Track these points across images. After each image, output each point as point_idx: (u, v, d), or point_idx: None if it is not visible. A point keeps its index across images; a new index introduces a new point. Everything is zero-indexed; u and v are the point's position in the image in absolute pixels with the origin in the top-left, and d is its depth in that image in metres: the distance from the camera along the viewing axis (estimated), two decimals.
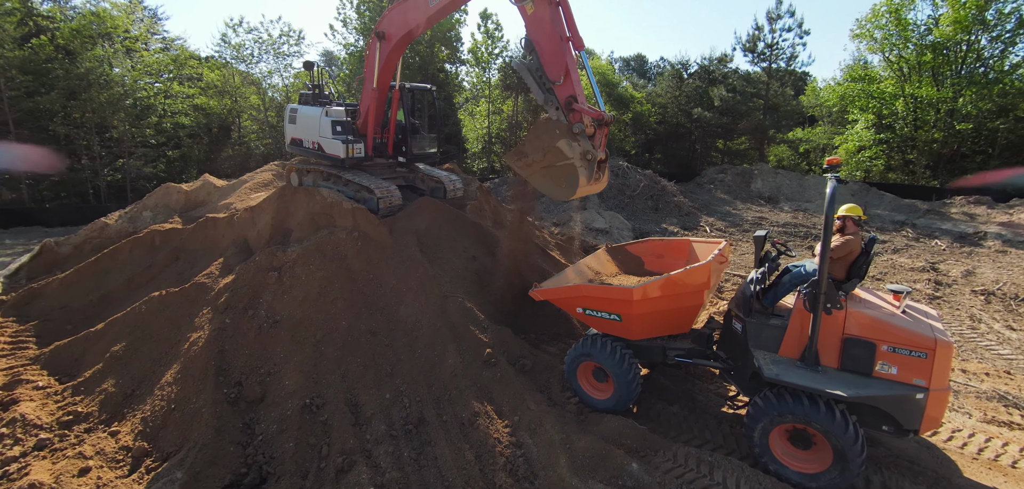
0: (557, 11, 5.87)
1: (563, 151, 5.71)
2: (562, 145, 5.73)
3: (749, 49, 26.52)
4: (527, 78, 6.02)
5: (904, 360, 4.20)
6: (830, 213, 4.27)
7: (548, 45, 5.82)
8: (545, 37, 5.86)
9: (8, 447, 5.13)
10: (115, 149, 19.33)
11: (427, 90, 10.33)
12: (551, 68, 5.83)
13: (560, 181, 5.86)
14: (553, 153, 5.82)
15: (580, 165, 5.69)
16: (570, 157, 5.68)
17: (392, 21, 8.00)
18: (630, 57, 65.99)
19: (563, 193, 5.87)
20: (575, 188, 5.70)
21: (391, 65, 8.50)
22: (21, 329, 7.65)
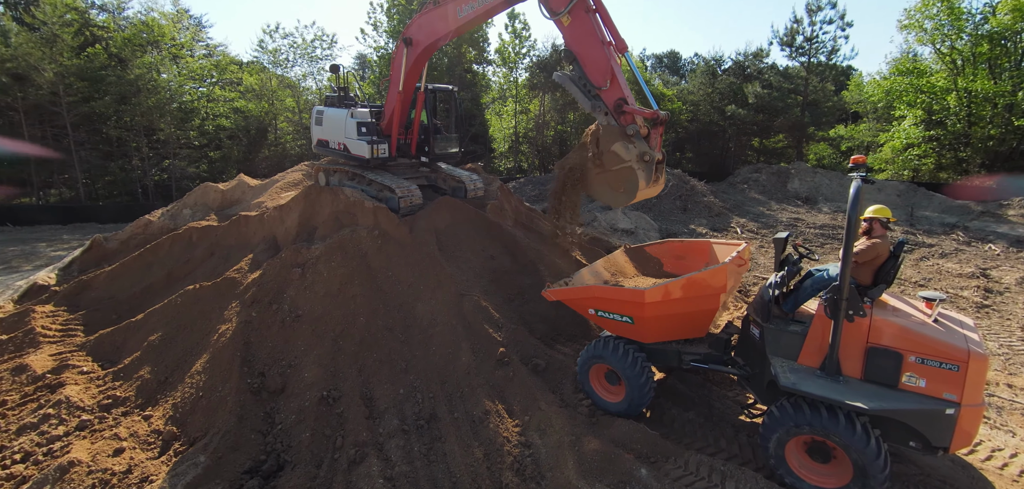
0: (595, 18, 5.78)
1: (619, 154, 5.50)
2: (618, 148, 5.51)
3: (787, 43, 25.45)
4: (571, 89, 5.94)
5: (934, 372, 3.95)
6: (853, 214, 4.06)
7: (589, 53, 5.71)
8: (585, 46, 5.77)
9: (53, 427, 5.53)
10: (161, 150, 20.50)
11: (450, 91, 10.46)
12: (595, 74, 5.69)
13: (618, 186, 5.61)
14: (610, 157, 5.62)
15: (638, 167, 5.44)
16: (627, 160, 5.46)
17: (420, 28, 8.11)
18: (663, 54, 64.72)
19: (622, 199, 5.60)
20: (635, 192, 5.44)
21: (417, 70, 8.63)
22: (71, 318, 8.23)
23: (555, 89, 29.04)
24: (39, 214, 16.95)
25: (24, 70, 16.48)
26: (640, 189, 5.44)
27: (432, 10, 7.83)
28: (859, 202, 4.10)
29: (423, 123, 9.84)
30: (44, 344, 7.31)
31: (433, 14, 7.81)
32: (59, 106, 17.35)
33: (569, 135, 31.27)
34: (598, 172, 5.85)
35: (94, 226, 16.87)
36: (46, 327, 7.74)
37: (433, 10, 7.81)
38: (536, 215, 12.68)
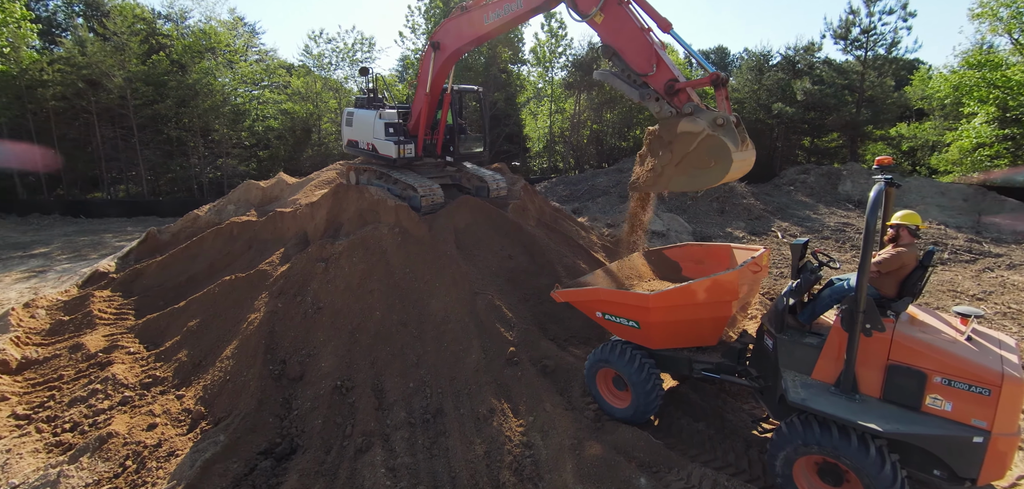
0: (629, 8, 5.61)
1: (690, 131, 4.96)
2: (685, 126, 4.99)
3: (841, 36, 23.82)
4: (616, 83, 5.72)
5: (961, 395, 3.61)
6: (872, 219, 3.78)
7: (629, 42, 5.51)
8: (623, 37, 5.57)
9: (100, 401, 6.08)
10: (215, 149, 21.96)
11: (476, 92, 10.58)
12: (638, 62, 5.43)
13: (705, 161, 4.95)
14: (680, 140, 5.09)
15: (717, 131, 4.84)
16: (701, 130, 4.90)
17: (448, 33, 8.26)
18: (710, 50, 62.40)
19: (717, 172, 4.91)
20: (727, 156, 4.76)
21: (444, 73, 8.80)
22: (124, 303, 9.00)
23: (591, 88, 28.66)
24: (108, 207, 18.63)
25: (97, 76, 18.14)
26: (732, 153, 4.75)
27: (460, 16, 7.96)
28: (880, 206, 3.82)
29: (449, 123, 10.01)
30: (99, 326, 8.03)
31: (461, 19, 7.92)
32: (127, 109, 18.97)
33: (606, 134, 30.78)
34: (676, 167, 5.22)
35: (155, 219, 18.32)
36: (102, 310, 8.50)
37: (461, 16, 7.92)
38: (562, 215, 12.59)
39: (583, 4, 5.78)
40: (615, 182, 20.33)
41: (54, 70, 17.93)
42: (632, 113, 29.39)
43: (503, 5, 7.03)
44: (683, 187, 5.38)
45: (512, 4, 6.90)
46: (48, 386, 6.42)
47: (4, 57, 17.23)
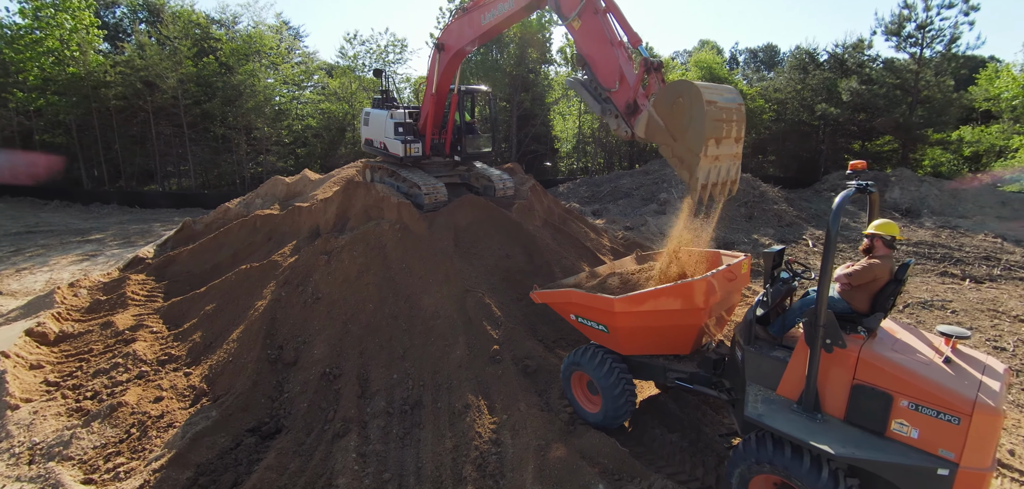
0: (606, 19, 5.67)
1: (654, 112, 5.01)
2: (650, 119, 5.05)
3: (893, 32, 22.18)
4: (583, 94, 5.82)
5: (929, 423, 3.36)
6: (834, 226, 3.60)
7: (599, 54, 5.64)
8: (594, 48, 5.70)
9: (120, 373, 6.67)
10: (257, 146, 23.31)
11: (485, 93, 10.73)
12: (605, 76, 5.55)
13: (682, 112, 4.87)
14: (656, 132, 5.13)
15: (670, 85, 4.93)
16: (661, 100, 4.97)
17: (451, 34, 8.53)
18: (758, 48, 59.70)
19: (697, 112, 4.76)
20: (692, 88, 4.74)
21: (449, 73, 9.03)
22: (156, 286, 9.79)
23: None
24: (160, 199, 20.23)
25: (153, 78, 19.74)
26: (697, 86, 4.69)
27: (461, 17, 8.21)
28: (841, 212, 3.63)
29: (457, 123, 10.22)
30: (131, 306, 8.79)
31: (463, 20, 8.17)
32: (178, 108, 20.51)
33: None
34: (676, 142, 5.04)
35: (201, 211, 19.69)
36: (135, 292, 9.29)
37: (463, 17, 8.17)
38: (572, 217, 12.53)
39: (565, 6, 5.82)
40: (639, 184, 19.93)
41: (116, 72, 19.66)
42: None
43: (497, 5, 7.18)
44: (698, 144, 4.82)
45: (505, 4, 7.04)
46: (78, 357, 7.13)
47: (74, 60, 19.08)
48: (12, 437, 5.28)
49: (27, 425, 5.49)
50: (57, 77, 18.91)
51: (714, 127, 4.85)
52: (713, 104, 4.76)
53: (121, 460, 5.12)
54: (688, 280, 4.72)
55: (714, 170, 4.94)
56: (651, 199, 18.33)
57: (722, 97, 4.95)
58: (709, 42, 49.41)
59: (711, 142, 4.89)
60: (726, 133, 5.05)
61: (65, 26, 18.77)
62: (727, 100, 4.93)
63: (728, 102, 4.92)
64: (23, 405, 5.77)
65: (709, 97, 4.73)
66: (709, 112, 4.70)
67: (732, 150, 5.19)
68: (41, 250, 13.26)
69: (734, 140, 5.12)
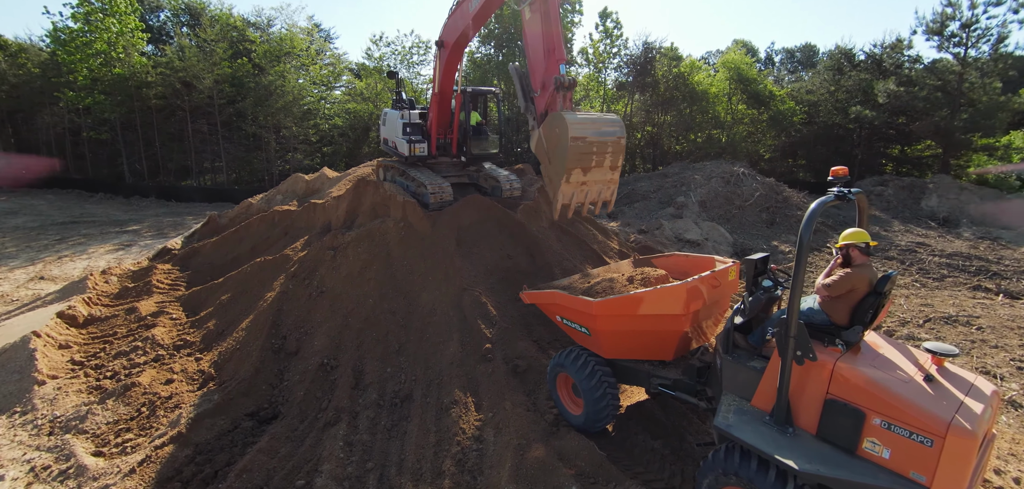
0: (549, 21, 5.83)
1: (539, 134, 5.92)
2: (535, 136, 5.96)
3: (935, 31, 21.00)
4: (516, 84, 6.10)
5: (901, 442, 3.23)
6: (805, 234, 3.52)
7: (533, 55, 5.87)
8: (530, 47, 5.92)
9: (138, 356, 7.14)
10: (285, 145, 24.24)
11: (493, 93, 10.85)
12: (533, 78, 5.85)
13: (554, 138, 5.72)
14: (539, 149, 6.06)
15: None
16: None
17: (447, 30, 8.71)
18: (795, 48, 57.65)
19: (562, 139, 5.62)
20: (561, 121, 5.54)
21: (450, 70, 9.20)
22: (180, 276, 10.37)
23: (644, 90, 27.81)
24: (194, 194, 21.35)
25: (191, 78, 20.83)
26: (564, 116, 5.44)
27: (454, 11, 8.40)
28: (815, 219, 3.55)
29: (461, 123, 10.37)
30: (155, 293, 9.35)
31: (455, 14, 8.40)
32: (213, 107, 21.56)
33: (660, 136, 29.65)
34: (550, 164, 5.91)
35: (231, 205, 20.65)
36: (160, 281, 9.87)
37: (455, 11, 8.37)
38: (581, 219, 12.48)
39: None
40: (657, 187, 19.63)
41: (157, 73, 20.86)
42: (691, 115, 28.08)
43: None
44: (560, 174, 5.77)
45: None
46: (103, 339, 7.65)
47: (120, 62, 20.37)
48: (37, 409, 5.75)
49: (51, 399, 5.96)
50: (104, 77, 20.25)
51: (578, 159, 5.65)
52: (580, 140, 5.54)
53: (130, 436, 5.49)
54: (668, 285, 4.69)
55: (580, 192, 5.93)
56: (668, 202, 18.03)
57: (594, 131, 5.66)
58: (743, 42, 48.11)
59: (577, 171, 5.77)
60: (596, 163, 5.87)
61: (112, 29, 20.06)
62: (600, 134, 5.66)
63: (602, 135, 5.66)
64: (49, 381, 6.26)
65: (575, 133, 5.48)
66: (573, 146, 5.49)
67: (606, 176, 6.06)
68: (83, 239, 14.24)
69: (608, 168, 5.95)
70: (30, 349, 6.56)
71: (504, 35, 26.50)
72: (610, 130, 5.80)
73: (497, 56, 27.37)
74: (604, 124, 5.80)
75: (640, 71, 26.92)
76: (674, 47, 28.35)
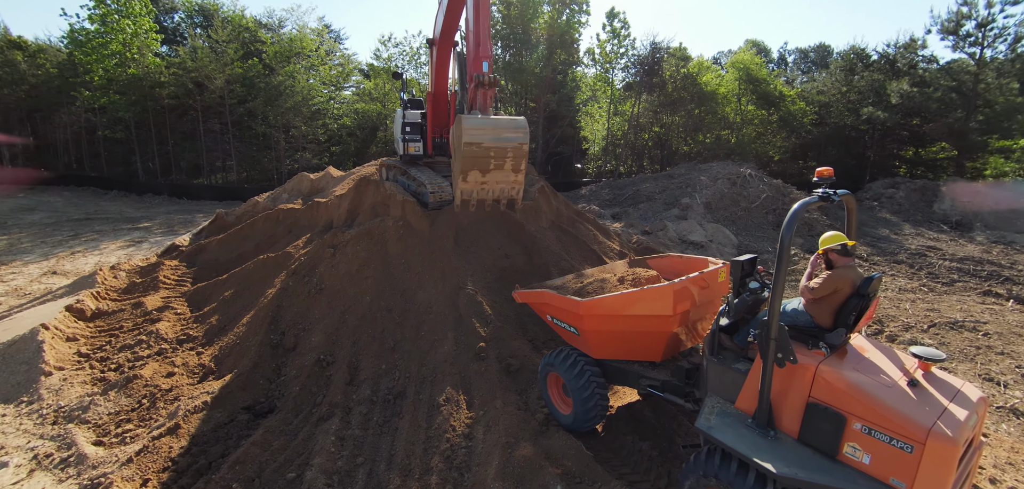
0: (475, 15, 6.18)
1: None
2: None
3: (950, 31, 20.58)
4: (457, 74, 6.63)
5: (881, 448, 3.20)
6: (786, 235, 3.50)
7: (468, 47, 6.29)
8: (468, 39, 6.36)
9: (142, 349, 7.32)
10: (294, 144, 24.57)
11: None
12: (468, 70, 6.16)
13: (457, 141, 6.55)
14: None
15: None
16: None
17: (435, 25, 8.94)
18: (809, 48, 56.80)
19: (459, 142, 6.56)
20: (458, 124, 6.38)
21: (441, 68, 9.40)
22: (186, 272, 10.59)
23: (652, 90, 27.64)
24: (205, 192, 21.74)
25: (202, 78, 21.22)
26: (462, 120, 6.15)
27: (438, 7, 8.67)
28: (797, 220, 3.53)
29: None
30: (161, 289, 9.56)
31: (437, 12, 8.61)
32: (224, 107, 21.93)
33: (669, 138, 29.46)
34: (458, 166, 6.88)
35: (240, 203, 20.99)
36: (166, 276, 10.09)
37: (438, 7, 8.63)
38: (583, 220, 12.48)
39: None
40: (662, 188, 19.52)
41: (170, 73, 21.29)
42: (700, 116, 27.87)
43: None
44: (457, 172, 6.74)
45: None
46: (110, 333, 7.86)
47: (134, 62, 20.83)
48: (42, 400, 5.93)
49: (56, 390, 6.14)
50: (119, 77, 20.72)
51: (473, 162, 6.41)
52: (474, 145, 6.29)
53: (130, 426, 5.64)
54: (655, 286, 4.70)
55: (481, 190, 6.91)
56: (673, 203, 17.92)
57: (493, 137, 6.29)
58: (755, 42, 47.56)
59: (474, 172, 6.62)
60: (495, 166, 6.57)
61: (127, 30, 20.53)
62: (499, 140, 6.29)
63: (500, 141, 6.29)
64: (55, 372, 6.45)
65: (469, 139, 6.17)
66: (467, 151, 6.22)
67: (508, 178, 6.82)
68: (95, 235, 14.60)
69: (510, 170, 6.57)
70: (38, 341, 6.76)
71: (512, 35, 26.55)
72: (511, 136, 6.35)
73: (504, 55, 27.44)
74: (505, 130, 6.34)
75: (647, 71, 26.79)
76: (683, 47, 28.16)
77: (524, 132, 6.34)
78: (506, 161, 6.41)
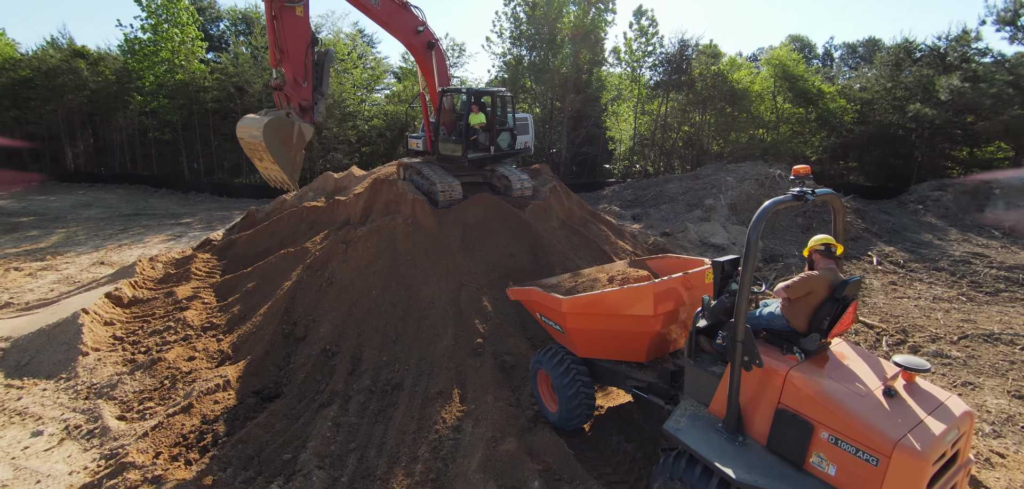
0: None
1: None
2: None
3: (1007, 21, 19.05)
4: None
5: (846, 459, 3.08)
6: (752, 234, 3.45)
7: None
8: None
9: (169, 335, 7.90)
10: (326, 145, 25.54)
11: (496, 94, 11.02)
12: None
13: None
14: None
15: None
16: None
17: None
18: (857, 42, 53.86)
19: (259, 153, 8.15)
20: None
21: (424, 69, 9.81)
22: (217, 265, 11.28)
23: (680, 89, 27.01)
24: (244, 190, 22.99)
25: (243, 83, 22.43)
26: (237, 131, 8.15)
27: None
28: (765, 219, 3.47)
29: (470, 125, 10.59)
30: (193, 280, 10.25)
31: None
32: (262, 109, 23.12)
33: (699, 138, 28.66)
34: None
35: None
36: (198, 268, 10.80)
37: None
38: (596, 220, 12.41)
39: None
40: (686, 188, 19.07)
41: (213, 79, 22.63)
42: (732, 115, 26.99)
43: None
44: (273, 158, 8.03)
45: None
46: (143, 319, 8.51)
47: (181, 68, 22.28)
48: (78, 377, 6.53)
49: (91, 369, 6.74)
50: (167, 83, 22.20)
51: (247, 150, 8.34)
52: (240, 138, 8.27)
53: (151, 404, 6.14)
54: (635, 286, 4.70)
55: (268, 174, 8.42)
56: (697, 205, 17.48)
57: (245, 133, 8.08)
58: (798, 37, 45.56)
59: (254, 159, 8.34)
60: (257, 156, 8.18)
61: (175, 39, 21.98)
62: (248, 136, 7.99)
63: (249, 137, 7.99)
64: (92, 353, 7.08)
65: (239, 133, 8.25)
66: (240, 141, 8.31)
67: (268, 166, 8.16)
68: (142, 230, 15.75)
69: (269, 161, 8.00)
70: (78, 324, 7.43)
71: (537, 35, 26.59)
72: (248, 133, 7.97)
73: (530, 56, 27.51)
74: (248, 127, 7.98)
75: (675, 70, 26.19)
76: (713, 44, 27.37)
77: (254, 129, 7.83)
78: (259, 153, 7.96)
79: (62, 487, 4.64)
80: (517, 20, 27.28)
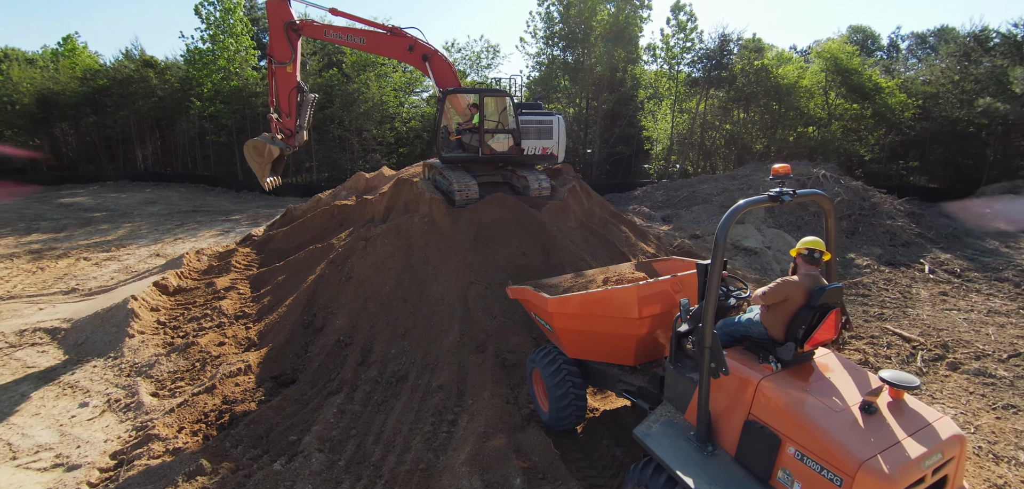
0: None
1: None
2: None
3: None
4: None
5: (811, 477, 2.96)
6: (719, 235, 3.39)
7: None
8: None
9: (205, 321, 8.60)
10: (367, 146, 26.62)
11: (502, 95, 11.13)
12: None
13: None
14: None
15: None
16: None
17: None
18: (928, 32, 49.61)
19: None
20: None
21: (427, 72, 10.21)
22: (255, 258, 12.10)
23: (719, 85, 25.98)
24: (290, 190, 24.40)
25: None
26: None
27: None
28: (733, 219, 3.40)
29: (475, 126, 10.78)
30: (232, 272, 11.06)
31: None
32: None
33: (743, 136, 27.43)
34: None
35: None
36: (238, 261, 11.64)
37: None
38: (617, 221, 12.24)
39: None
40: (721, 189, 18.36)
41: (264, 85, 24.12)
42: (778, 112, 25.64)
43: None
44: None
45: None
46: (184, 306, 9.31)
47: (236, 75, 23.96)
48: (123, 357, 7.27)
49: (135, 349, 7.48)
50: (223, 89, 23.93)
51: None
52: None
53: (181, 384, 6.74)
54: (619, 287, 4.67)
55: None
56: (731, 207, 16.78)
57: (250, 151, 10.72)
58: (860, 27, 42.57)
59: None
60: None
61: (230, 49, 23.67)
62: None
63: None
64: (137, 335, 7.84)
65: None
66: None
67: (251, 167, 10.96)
68: (196, 225, 17.11)
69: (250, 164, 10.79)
70: (128, 309, 8.24)
71: (572, 34, 26.42)
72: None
73: (564, 56, 27.39)
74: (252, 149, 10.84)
75: (715, 66, 25.24)
76: (757, 38, 26.13)
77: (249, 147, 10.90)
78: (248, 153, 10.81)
79: (97, 453, 5.22)
80: (551, 20, 27.25)
